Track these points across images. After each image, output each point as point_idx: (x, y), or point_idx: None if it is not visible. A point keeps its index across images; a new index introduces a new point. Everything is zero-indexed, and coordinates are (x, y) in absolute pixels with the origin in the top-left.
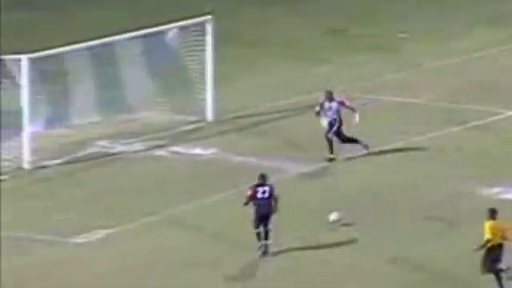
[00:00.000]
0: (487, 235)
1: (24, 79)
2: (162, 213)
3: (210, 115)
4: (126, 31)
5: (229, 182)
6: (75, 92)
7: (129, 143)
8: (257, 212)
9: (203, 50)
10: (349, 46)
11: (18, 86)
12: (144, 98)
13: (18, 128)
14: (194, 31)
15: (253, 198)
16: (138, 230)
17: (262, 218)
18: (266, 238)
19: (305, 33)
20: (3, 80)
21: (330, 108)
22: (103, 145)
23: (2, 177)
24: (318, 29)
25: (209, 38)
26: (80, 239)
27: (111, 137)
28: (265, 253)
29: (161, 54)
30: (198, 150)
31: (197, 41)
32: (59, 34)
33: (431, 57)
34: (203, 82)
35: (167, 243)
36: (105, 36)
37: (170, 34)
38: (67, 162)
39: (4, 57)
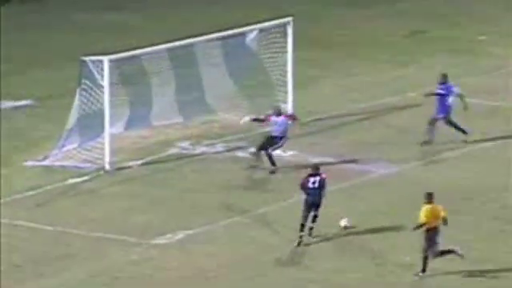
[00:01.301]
0: (422, 219)
1: (105, 80)
2: (243, 214)
3: None
4: (206, 33)
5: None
6: (156, 93)
7: (209, 144)
8: (306, 201)
9: (284, 52)
10: (428, 47)
11: (99, 88)
12: (224, 99)
13: (99, 129)
14: (275, 33)
15: (304, 187)
16: (219, 231)
17: (311, 207)
18: (313, 221)
19: (385, 34)
20: (84, 81)
21: (276, 123)
22: (184, 146)
23: (83, 178)
24: (398, 31)
25: (289, 40)
26: (161, 240)
27: (192, 138)
28: (299, 243)
29: (241, 55)
30: (277, 152)
31: (277, 43)
32: (145, 36)
33: (510, 60)
34: (283, 84)
35: (248, 244)
36: (185, 38)
37: (251, 36)
38: (148, 163)
39: (86, 58)
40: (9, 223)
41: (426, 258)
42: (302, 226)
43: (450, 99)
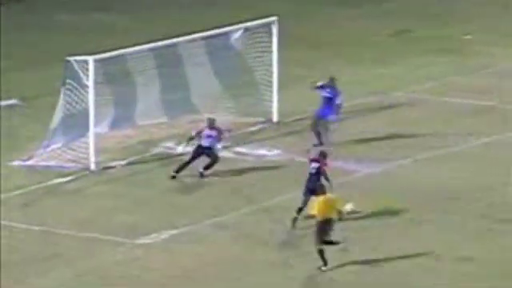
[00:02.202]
0: (313, 211)
1: (90, 80)
2: (228, 214)
3: (275, 116)
4: (191, 32)
5: (293, 182)
6: (140, 93)
7: (194, 144)
8: (306, 185)
9: (269, 52)
10: (414, 47)
11: (84, 87)
12: (209, 99)
13: (83, 129)
14: (260, 33)
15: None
16: (205, 231)
17: (308, 191)
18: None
19: (370, 34)
20: (69, 81)
21: (210, 136)
22: (169, 146)
23: (68, 178)
24: (384, 30)
25: (274, 40)
26: (146, 240)
27: (176, 138)
28: (294, 225)
29: (226, 55)
30: (263, 151)
31: (262, 42)
32: (131, 36)
33: (497, 59)
34: (269, 84)
35: (234, 244)
36: (170, 37)
37: (236, 36)
38: (133, 163)
39: (71, 58)
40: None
41: (322, 251)
42: (300, 209)
43: (338, 101)
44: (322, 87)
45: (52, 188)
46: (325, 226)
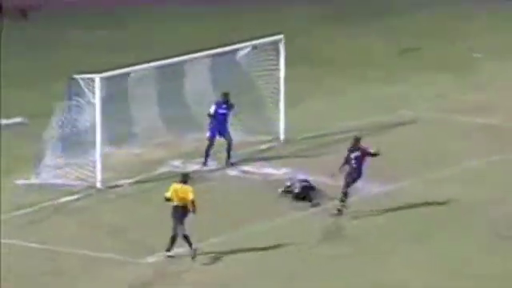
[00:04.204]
0: (167, 193)
1: (97, 98)
2: (235, 232)
3: (282, 135)
4: (198, 50)
5: (302, 201)
6: (146, 111)
7: (201, 162)
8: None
9: (275, 70)
10: (422, 65)
11: (90, 105)
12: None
13: (90, 147)
14: (267, 50)
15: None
16: (211, 250)
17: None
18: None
19: (377, 51)
20: (76, 98)
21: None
22: (176, 164)
23: (75, 196)
24: (390, 48)
25: (281, 58)
26: (153, 259)
27: (184, 156)
28: (339, 211)
29: (232, 73)
30: (270, 170)
31: (268, 60)
32: (134, 53)
33: (507, 77)
34: (275, 102)
35: (241, 263)
36: (177, 55)
37: (242, 53)
38: (140, 182)
39: (77, 76)
40: (1, 242)
41: (173, 238)
42: (345, 194)
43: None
44: (216, 104)
45: (59, 206)
46: (179, 214)
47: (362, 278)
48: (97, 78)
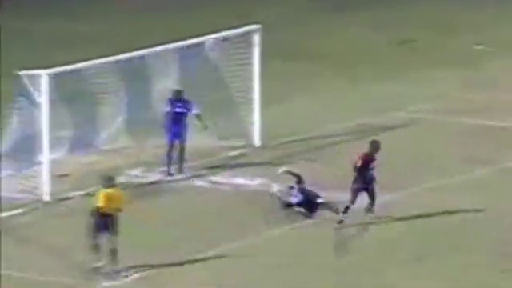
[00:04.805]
0: (100, 202)
1: (43, 98)
2: (203, 251)
3: (256, 140)
4: (161, 43)
5: (279, 216)
6: (103, 113)
7: (164, 172)
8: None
9: (249, 65)
10: (418, 60)
11: (36, 106)
12: (197, 119)
13: (36, 154)
14: (240, 43)
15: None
16: (179, 271)
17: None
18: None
19: (368, 44)
20: (20, 98)
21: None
22: (135, 174)
23: (19, 210)
24: (383, 40)
25: (256, 51)
26: (108, 283)
27: (144, 164)
28: (340, 222)
29: (200, 69)
30: (242, 180)
31: (243, 54)
32: (96, 48)
33: (510, 74)
34: (249, 102)
35: (206, 285)
36: (137, 49)
37: (212, 47)
38: (93, 194)
39: (22, 72)
40: None
41: (96, 247)
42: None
43: (195, 110)
44: (170, 103)
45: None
46: (105, 221)
47: None
48: (44, 74)
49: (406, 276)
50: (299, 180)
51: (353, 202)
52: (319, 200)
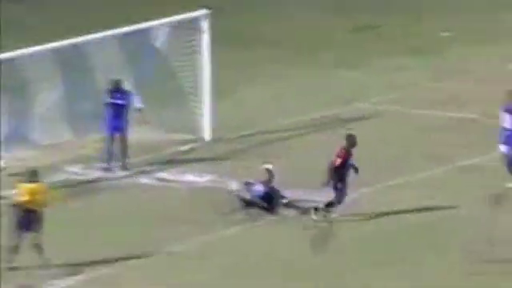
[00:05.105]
0: (23, 197)
1: None
2: (149, 255)
3: (207, 134)
4: (103, 29)
5: (230, 216)
6: (40, 105)
7: (106, 169)
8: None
9: (198, 53)
10: (381, 46)
11: None
12: (137, 112)
13: None
14: (189, 29)
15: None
16: (121, 276)
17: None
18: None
19: (328, 30)
20: None
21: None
22: (74, 171)
23: None
24: (344, 25)
25: (205, 38)
26: (52, 282)
27: (85, 160)
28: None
29: (146, 58)
30: (192, 177)
31: (192, 41)
32: (30, 33)
33: (481, 61)
34: (199, 93)
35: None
36: (77, 35)
37: (158, 34)
38: None
39: None
40: None
41: (16, 247)
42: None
43: (138, 104)
44: (109, 93)
45: None
46: (27, 219)
47: None
48: None
49: (380, 277)
50: (271, 178)
51: (339, 201)
52: (284, 200)
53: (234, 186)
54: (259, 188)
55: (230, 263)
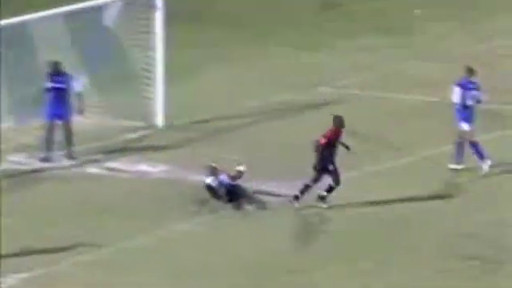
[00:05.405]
0: None
1: None
2: (98, 250)
3: (159, 120)
4: (48, 8)
5: (185, 209)
6: None
7: (44, 158)
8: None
9: (151, 32)
10: (346, 26)
11: None
12: (77, 97)
13: None
14: (141, 6)
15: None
16: (65, 273)
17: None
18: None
19: (290, 8)
20: None
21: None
22: (16, 160)
23: None
24: (306, 3)
25: (158, 16)
26: None
27: (28, 149)
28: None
29: (94, 38)
30: (144, 167)
31: (144, 20)
32: None
33: (454, 42)
34: (151, 76)
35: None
36: (19, 14)
37: (108, 12)
38: None
39: None
40: None
41: None
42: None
43: (78, 87)
44: (49, 77)
45: None
46: None
47: None
48: None
49: (349, 274)
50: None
51: (338, 182)
52: (247, 194)
53: (208, 179)
54: (225, 179)
55: (183, 261)
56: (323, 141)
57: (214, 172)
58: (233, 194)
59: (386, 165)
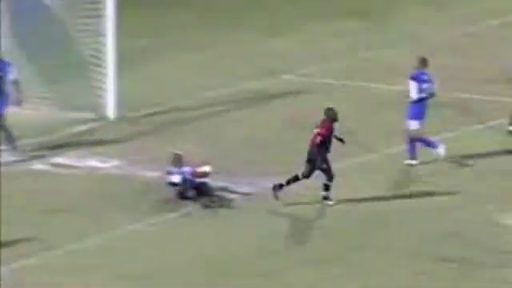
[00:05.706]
0: None
1: None
2: (42, 254)
3: (110, 111)
4: None
5: (139, 208)
6: None
7: None
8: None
9: (101, 16)
10: (315, 9)
11: None
12: (12, 85)
13: None
14: None
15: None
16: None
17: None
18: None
19: None
20: None
21: None
22: None
23: None
24: None
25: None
26: None
27: None
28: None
29: (38, 21)
30: (94, 162)
31: (92, 3)
32: None
33: (428, 26)
34: (101, 64)
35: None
36: None
37: None
38: None
39: None
40: None
41: None
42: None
43: (11, 75)
44: None
45: None
46: None
47: None
48: None
49: (323, 277)
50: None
51: (331, 178)
52: (213, 191)
53: (176, 179)
54: (188, 173)
55: (138, 261)
56: (319, 139)
57: (178, 160)
58: (198, 192)
59: (355, 160)
